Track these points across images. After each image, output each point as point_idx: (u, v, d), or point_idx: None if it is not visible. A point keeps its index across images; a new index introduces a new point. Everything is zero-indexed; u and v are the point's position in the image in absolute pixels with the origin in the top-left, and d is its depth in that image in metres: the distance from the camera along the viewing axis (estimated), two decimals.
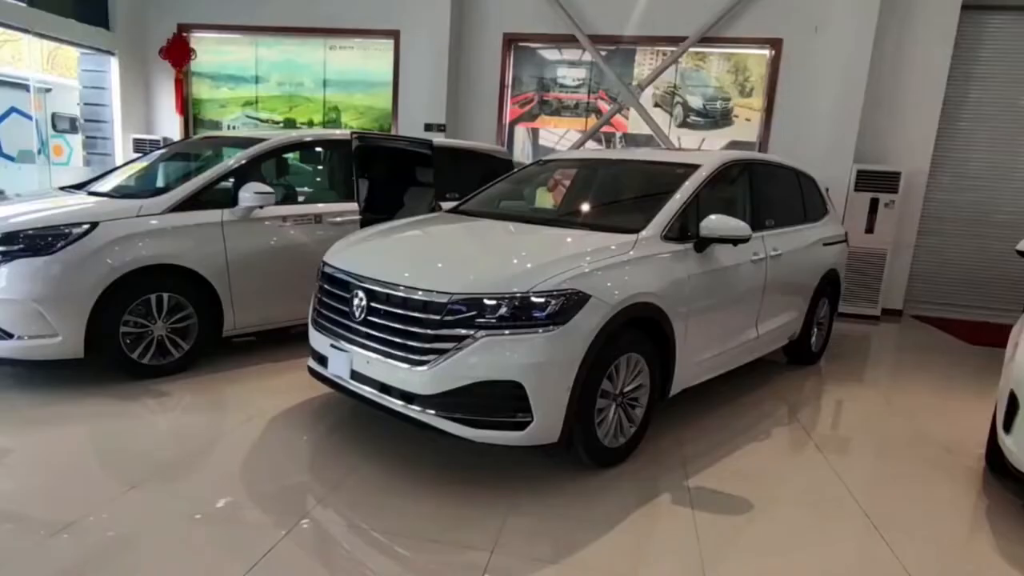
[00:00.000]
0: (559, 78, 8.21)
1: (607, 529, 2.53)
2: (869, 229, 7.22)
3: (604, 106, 8.10)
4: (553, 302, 2.62)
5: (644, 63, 7.97)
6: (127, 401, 3.55)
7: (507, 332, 2.59)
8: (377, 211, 5.29)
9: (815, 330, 5.03)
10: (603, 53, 7.89)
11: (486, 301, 2.61)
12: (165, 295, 3.83)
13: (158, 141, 8.61)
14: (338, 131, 4.98)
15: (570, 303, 2.65)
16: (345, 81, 8.68)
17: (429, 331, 2.66)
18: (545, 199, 4.13)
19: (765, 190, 4.29)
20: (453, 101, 8.12)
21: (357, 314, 2.92)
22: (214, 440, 3.16)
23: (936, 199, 7.50)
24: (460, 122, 8.21)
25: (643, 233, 3.19)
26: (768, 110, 7.64)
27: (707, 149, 7.67)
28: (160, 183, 4.80)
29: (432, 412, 2.68)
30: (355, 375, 2.93)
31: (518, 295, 2.61)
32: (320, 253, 4.51)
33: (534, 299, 2.61)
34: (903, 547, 2.56)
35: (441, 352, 2.63)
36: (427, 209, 5.64)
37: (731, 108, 7.86)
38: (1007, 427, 2.89)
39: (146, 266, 3.72)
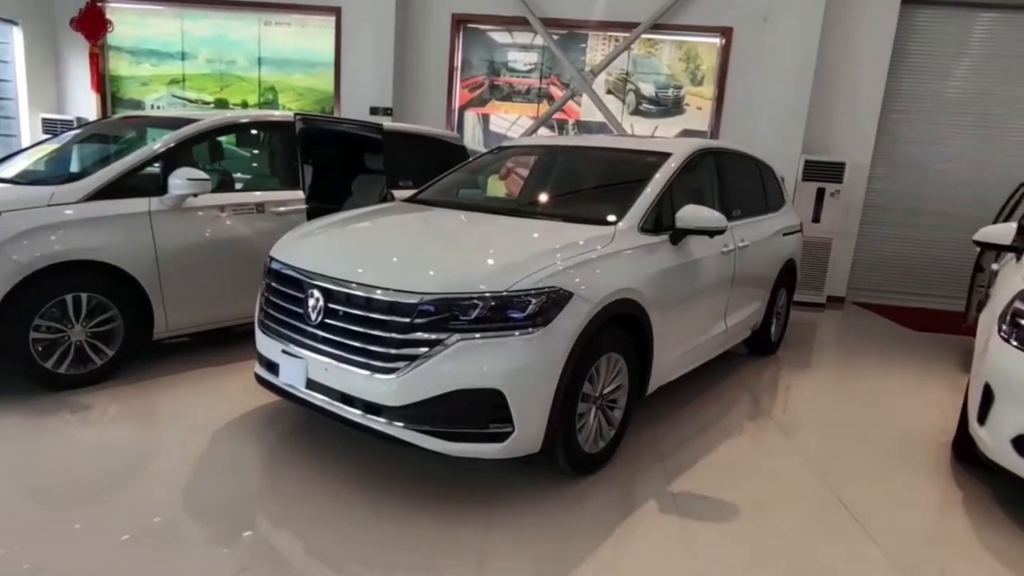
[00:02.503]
0: (510, 62, 7.95)
1: (595, 544, 2.36)
2: (816, 219, 7.35)
3: (556, 92, 7.91)
4: (533, 301, 2.41)
5: (596, 48, 7.81)
6: (42, 416, 3.11)
7: (484, 335, 2.36)
8: (323, 200, 4.91)
9: (774, 320, 5.03)
10: (555, 37, 7.68)
11: (461, 302, 2.36)
12: (84, 295, 3.39)
13: (71, 121, 7.82)
14: (279, 112, 4.57)
15: (551, 302, 2.44)
16: (282, 60, 8.14)
17: (397, 335, 2.39)
18: (506, 188, 3.89)
19: (731, 180, 4.21)
20: (400, 84, 7.74)
21: (313, 316, 2.61)
22: (147, 457, 2.79)
23: (877, 189, 7.71)
24: (407, 106, 7.83)
25: (620, 225, 3.01)
26: (719, 99, 7.64)
27: (661, 136, 7.61)
28: (75, 168, 4.28)
29: (401, 425, 2.42)
30: (311, 384, 2.63)
31: (496, 294, 2.38)
32: (263, 246, 4.14)
33: (513, 299, 2.39)
34: (893, 546, 2.51)
35: (411, 359, 2.37)
36: (378, 198, 5.31)
37: (683, 96, 7.82)
38: (981, 419, 2.89)
39: (60, 263, 3.27)
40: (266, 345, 2.89)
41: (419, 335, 2.37)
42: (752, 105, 7.47)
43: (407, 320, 2.38)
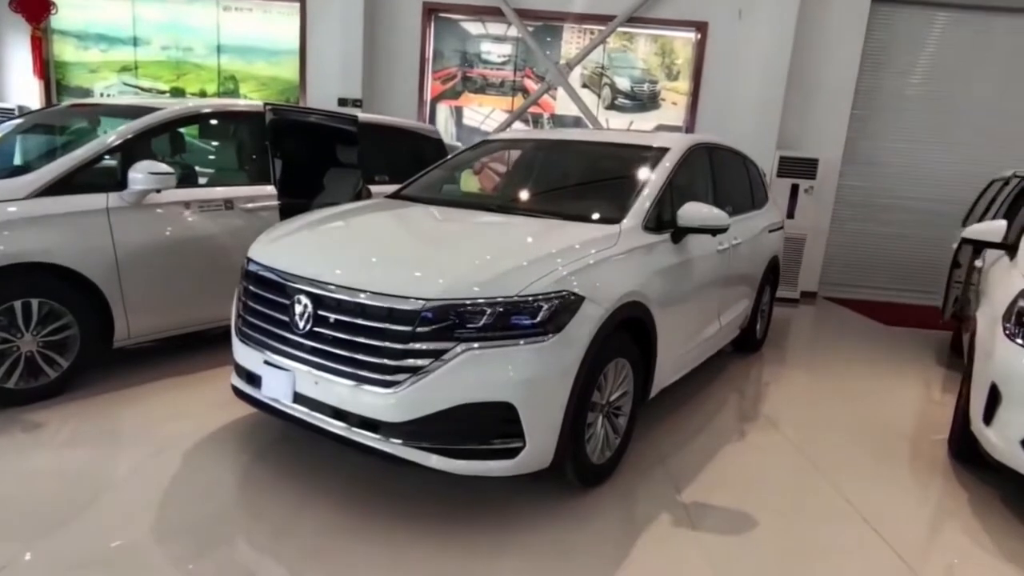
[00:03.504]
0: (483, 54, 7.74)
1: (614, 566, 2.21)
2: (790, 214, 7.37)
3: (531, 85, 7.74)
4: (545, 307, 2.24)
5: (571, 41, 7.67)
6: None
7: (493, 344, 2.18)
8: (294, 195, 4.64)
9: (759, 318, 4.99)
10: (530, 29, 7.50)
11: (467, 308, 2.18)
12: (34, 301, 3.07)
13: (12, 110, 7.27)
14: (248, 102, 4.27)
15: (563, 307, 2.28)
16: (243, 48, 7.74)
17: (396, 345, 2.19)
18: (494, 184, 3.70)
19: (723, 176, 4.12)
20: (369, 74, 7.45)
21: (300, 324, 2.38)
22: (112, 480, 2.52)
23: (847, 186, 7.79)
24: (377, 97, 7.54)
25: (625, 224, 2.87)
26: (695, 94, 7.60)
27: (636, 130, 7.53)
28: (18, 161, 3.91)
29: (401, 442, 2.22)
30: (299, 398, 2.41)
31: (505, 300, 2.20)
32: (232, 245, 3.88)
33: (524, 304, 2.21)
34: (908, 551, 2.44)
35: (412, 370, 2.17)
36: (352, 193, 5.06)
37: (658, 91, 7.75)
38: (987, 420, 2.86)
39: (6, 266, 2.94)
40: (245, 355, 2.64)
41: (422, 345, 2.17)
42: (728, 101, 7.45)
43: (408, 328, 2.18)
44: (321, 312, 2.34)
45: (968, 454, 3.19)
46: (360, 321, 2.26)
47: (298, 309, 2.39)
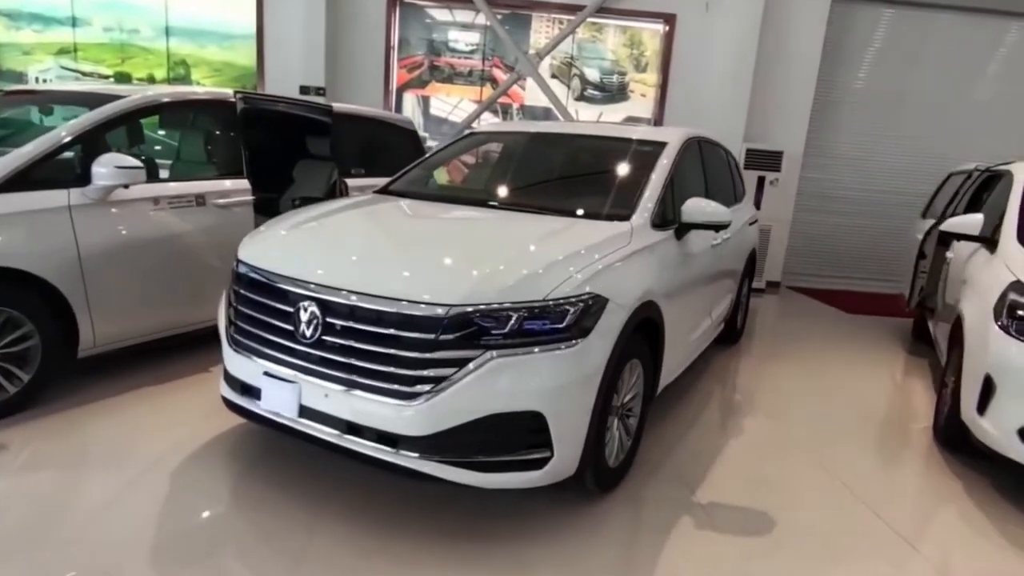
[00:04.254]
0: (451, 42, 7.55)
1: (649, 575, 2.15)
2: (757, 206, 7.50)
3: (500, 75, 7.59)
4: (572, 310, 2.14)
5: (540, 31, 7.56)
6: None
7: (521, 351, 2.08)
8: (264, 189, 4.38)
9: (739, 310, 5.05)
10: (498, 17, 7.34)
11: (494, 313, 2.06)
12: None
13: None
14: (218, 90, 3.98)
15: (589, 310, 2.19)
16: (195, 31, 7.30)
17: (418, 354, 2.06)
18: (487, 178, 3.58)
19: (711, 170, 4.11)
20: (332, 61, 7.15)
21: (307, 333, 2.22)
22: (83, 508, 2.29)
23: (808, 178, 7.98)
24: (341, 85, 7.25)
25: (635, 221, 2.80)
26: (663, 86, 7.62)
27: (605, 122, 7.50)
28: None
29: (423, 456, 2.09)
30: (306, 412, 2.24)
31: (533, 304, 2.09)
32: (205, 244, 3.64)
33: (551, 308, 2.11)
34: (921, 542, 2.48)
35: (435, 381, 2.05)
36: (325, 186, 4.84)
37: (627, 83, 7.74)
38: (981, 409, 2.94)
39: None
40: (240, 366, 2.45)
41: (445, 353, 2.05)
42: (696, 93, 7.50)
43: (431, 336, 2.05)
44: (331, 320, 2.18)
45: (956, 442, 3.29)
46: (376, 329, 2.11)
47: (304, 316, 2.22)
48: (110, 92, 3.49)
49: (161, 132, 4.25)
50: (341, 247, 2.52)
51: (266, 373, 2.32)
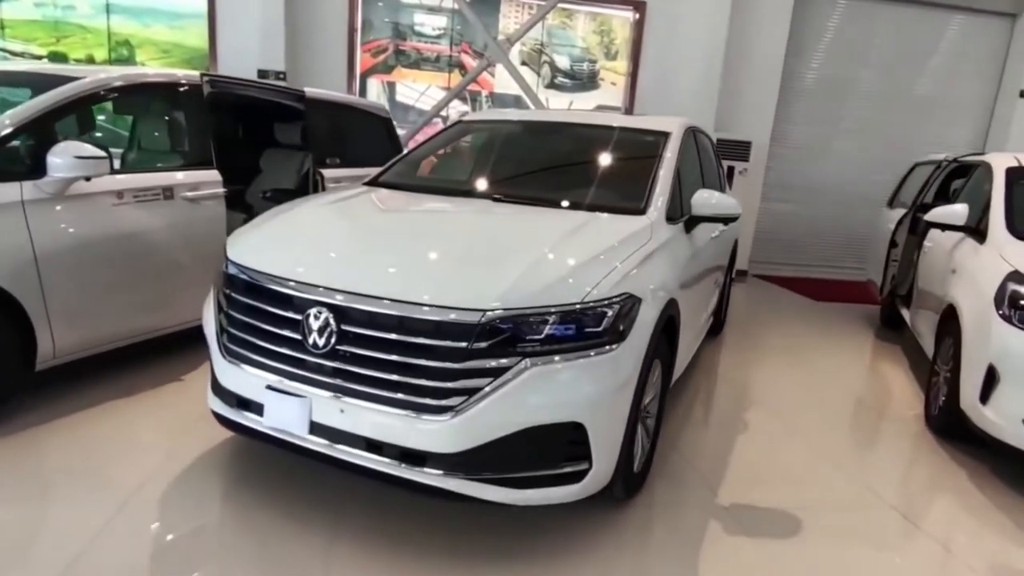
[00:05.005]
0: (417, 25, 7.26)
1: None
2: None
3: (468, 61, 7.36)
4: (609, 313, 2.01)
5: (509, 15, 7.36)
6: None
7: (558, 358, 1.93)
8: (233, 181, 4.07)
9: (723, 301, 5.05)
10: (467, 1, 7.10)
11: (531, 318, 1.91)
12: None
13: None
14: (185, 72, 3.64)
15: (625, 312, 2.06)
16: (138, 8, 6.78)
17: (450, 364, 1.89)
18: (488, 170, 3.39)
19: (704, 160, 4.05)
20: (293, 44, 6.76)
21: (319, 343, 2.01)
22: (57, 547, 2.02)
23: (774, 168, 8.10)
24: (302, 70, 6.87)
25: (651, 215, 2.69)
26: (633, 75, 7.55)
27: (576, 109, 7.39)
28: None
29: (454, 475, 1.92)
30: (318, 429, 2.04)
31: (571, 307, 1.95)
32: (174, 241, 3.33)
33: (589, 311, 1.97)
34: (937, 531, 2.49)
35: (469, 393, 1.88)
36: (297, 177, 4.55)
37: (597, 70, 7.64)
38: (984, 399, 2.98)
39: None
40: (236, 378, 2.21)
41: (479, 362, 1.88)
42: (666, 82, 7.46)
43: (463, 345, 1.88)
44: (346, 328, 1.98)
45: (953, 431, 3.34)
46: (400, 338, 1.92)
47: (314, 324, 2.01)
48: (60, 73, 3.13)
49: (118, 118, 3.86)
50: (351, 247, 2.30)
51: (269, 387, 2.10)
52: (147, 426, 2.83)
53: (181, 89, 3.55)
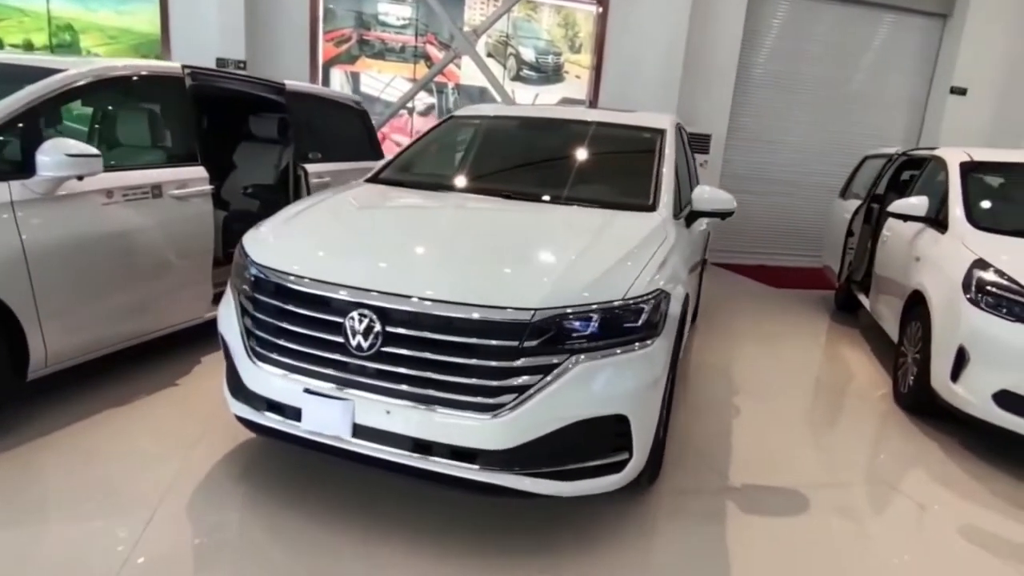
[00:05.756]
0: (381, 15, 7.13)
1: (737, 566, 2.17)
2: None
3: (434, 52, 7.29)
4: (646, 308, 2.09)
5: (475, 7, 7.32)
6: None
7: (601, 353, 2.00)
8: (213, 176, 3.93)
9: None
10: None
11: (578, 315, 1.96)
12: None
13: None
14: (166, 64, 3.47)
15: (658, 307, 2.15)
16: None
17: (500, 363, 1.92)
18: (495, 166, 3.41)
19: (688, 154, 4.19)
20: (253, 32, 6.52)
21: (364, 345, 2.00)
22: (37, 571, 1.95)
23: (731, 160, 8.40)
24: (263, 59, 6.65)
25: (662, 212, 2.78)
26: (597, 68, 7.66)
27: (542, 104, 7.45)
28: None
29: (503, 470, 1.97)
30: (361, 431, 2.03)
31: (613, 304, 2.02)
32: (164, 241, 3.21)
33: (630, 307, 2.05)
34: (921, 497, 2.71)
35: (519, 390, 1.92)
36: (276, 173, 4.44)
37: (562, 63, 7.71)
38: (955, 377, 3.24)
39: None
40: (268, 383, 2.17)
41: (529, 360, 1.93)
42: (629, 75, 7.61)
43: (514, 343, 1.92)
44: (392, 330, 1.98)
45: (923, 407, 3.60)
46: (449, 338, 1.94)
47: (358, 327, 2.00)
48: (44, 65, 2.94)
49: (112, 112, 3.62)
50: (385, 247, 2.29)
51: (307, 390, 2.08)
52: (151, 436, 2.73)
53: (162, 81, 3.40)
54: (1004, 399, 3.03)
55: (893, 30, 8.50)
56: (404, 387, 1.98)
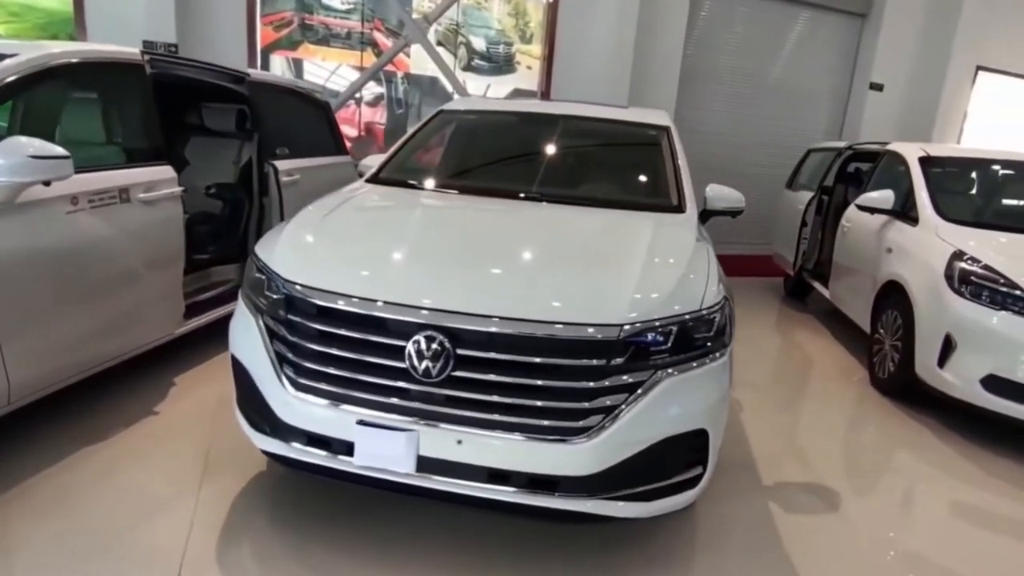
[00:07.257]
0: None
1: (798, 566, 2.17)
2: None
3: (382, 39, 6.94)
4: (718, 318, 2.02)
5: None
6: None
7: (681, 367, 1.91)
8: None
9: None
10: None
11: (662, 329, 1.87)
12: None
13: None
14: (124, 49, 3.03)
15: (726, 315, 2.09)
16: None
17: (588, 383, 1.80)
18: (507, 166, 3.23)
19: None
20: (183, 12, 5.94)
21: (432, 370, 1.81)
22: None
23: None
24: (195, 42, 6.06)
25: (690, 213, 2.74)
26: (549, 59, 7.56)
27: (492, 96, 7.28)
28: None
29: (585, 496, 1.85)
30: (427, 464, 1.85)
31: (693, 315, 1.93)
32: (134, 251, 2.83)
33: (705, 317, 1.97)
34: (924, 480, 2.85)
35: (607, 411, 1.81)
36: (235, 170, 4.06)
37: (513, 53, 7.56)
38: (941, 363, 3.41)
39: None
40: (311, 415, 1.93)
41: (617, 379, 1.81)
42: (580, 66, 7.55)
43: (602, 362, 1.80)
44: (465, 352, 1.80)
45: (904, 392, 3.79)
46: (529, 359, 1.79)
47: (425, 351, 1.81)
48: None
49: (62, 103, 3.11)
50: (438, 261, 2.08)
51: (361, 422, 1.87)
52: (142, 475, 2.40)
53: (121, 69, 2.98)
54: (991, 383, 3.22)
55: (813, 26, 8.88)
56: (478, 414, 1.82)
